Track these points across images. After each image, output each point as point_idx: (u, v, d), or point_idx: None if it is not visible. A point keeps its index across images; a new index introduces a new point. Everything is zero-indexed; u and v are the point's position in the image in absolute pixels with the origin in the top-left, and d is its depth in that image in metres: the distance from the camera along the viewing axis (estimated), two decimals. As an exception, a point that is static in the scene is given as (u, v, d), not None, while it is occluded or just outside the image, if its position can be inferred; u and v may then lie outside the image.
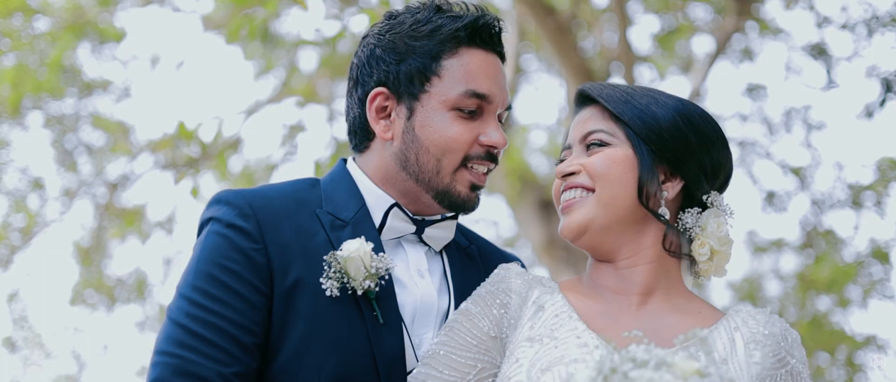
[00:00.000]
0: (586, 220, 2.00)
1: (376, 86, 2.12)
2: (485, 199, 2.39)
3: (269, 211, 2.03)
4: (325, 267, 2.00)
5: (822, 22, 9.93)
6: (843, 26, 9.72)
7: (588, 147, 2.05)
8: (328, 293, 1.98)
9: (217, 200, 2.05)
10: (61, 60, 10.26)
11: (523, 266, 2.15)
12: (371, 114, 2.13)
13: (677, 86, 12.57)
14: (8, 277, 10.22)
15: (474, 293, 2.02)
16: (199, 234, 2.06)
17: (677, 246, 2.02)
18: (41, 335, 11.04)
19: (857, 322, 11.74)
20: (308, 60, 11.12)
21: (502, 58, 2.16)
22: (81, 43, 10.66)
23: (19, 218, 10.25)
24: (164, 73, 12.22)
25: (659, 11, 10.59)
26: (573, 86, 9.53)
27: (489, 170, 2.15)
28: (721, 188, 2.10)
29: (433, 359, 1.94)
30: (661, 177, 2.02)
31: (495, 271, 2.05)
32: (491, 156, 2.13)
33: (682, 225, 2.03)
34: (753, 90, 11.17)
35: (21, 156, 10.56)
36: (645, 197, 1.99)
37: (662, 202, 2.01)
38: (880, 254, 10.96)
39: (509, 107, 2.18)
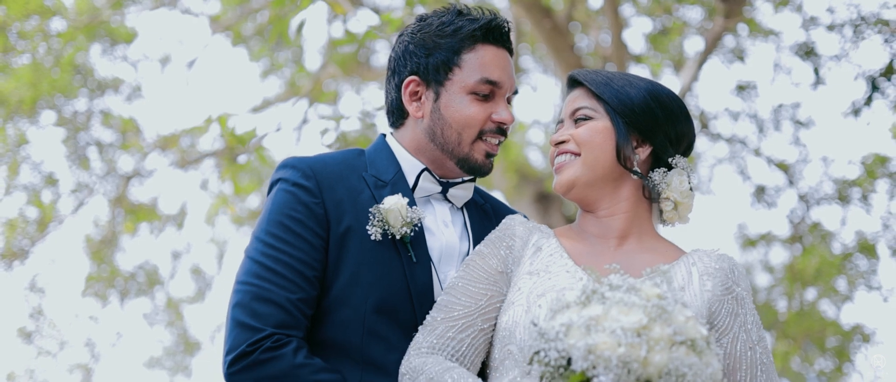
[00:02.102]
0: (574, 178, 2.55)
1: (410, 75, 2.68)
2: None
3: (326, 174, 2.58)
4: (371, 217, 2.55)
5: (810, 23, 10.28)
6: (830, 27, 10.07)
7: (576, 121, 2.59)
8: (373, 237, 2.53)
9: (285, 165, 2.60)
10: (74, 60, 10.67)
11: (526, 217, 2.70)
12: (405, 98, 2.69)
13: (669, 84, 12.99)
14: (25, 269, 10.63)
15: (486, 238, 2.58)
16: (269, 192, 2.61)
17: (649, 195, 2.58)
18: (56, 325, 11.44)
19: (843, 312, 12.09)
20: (313, 60, 11.52)
21: (511, 52, 2.71)
22: (94, 43, 11.07)
23: (34, 212, 10.67)
24: (174, 73, 12.69)
25: (651, 14, 10.95)
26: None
27: (500, 142, 2.70)
28: (685, 152, 2.63)
29: (453, 289, 2.49)
30: (634, 144, 2.56)
31: (503, 221, 2.61)
32: (501, 131, 2.68)
33: (652, 182, 2.58)
34: (743, 89, 11.58)
35: (35, 152, 10.96)
36: (622, 159, 2.54)
37: (635, 163, 2.56)
38: (867, 247, 11.33)
39: (516, 92, 2.72)
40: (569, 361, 1.98)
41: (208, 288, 12.54)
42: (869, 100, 9.42)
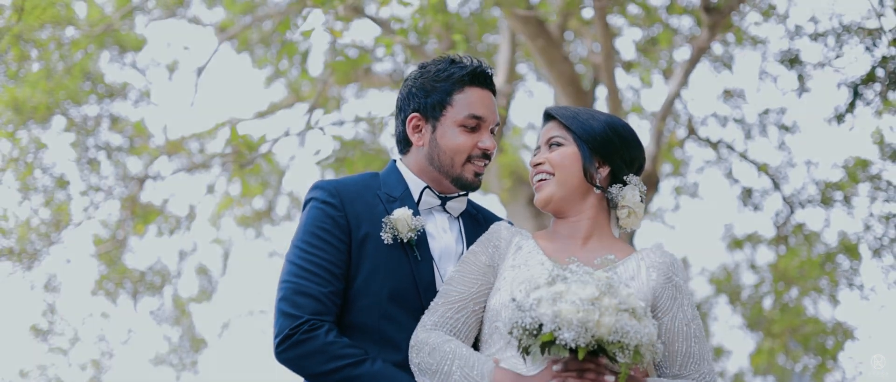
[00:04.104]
0: (549, 195, 3.30)
1: (412, 112, 3.45)
2: (481, 198, 3.68)
3: (348, 192, 3.35)
4: (383, 226, 3.30)
5: (794, 32, 10.87)
6: (814, 37, 10.62)
7: (550, 146, 3.34)
8: (385, 241, 3.29)
9: (315, 187, 3.38)
10: (85, 67, 11.31)
11: (511, 223, 3.44)
12: (409, 130, 3.46)
13: (659, 91, 13.64)
14: (40, 269, 11.27)
15: (477, 240, 3.33)
16: (303, 208, 3.37)
17: (609, 205, 3.32)
18: (70, 323, 12.11)
19: (827, 310, 12.69)
20: (317, 66, 12.17)
21: (494, 92, 3.47)
22: (104, 51, 11.71)
23: (47, 213, 11.29)
24: (181, 79, 13.32)
25: (640, 24, 11.56)
26: (561, 92, 10.70)
27: (485, 164, 3.44)
28: (637, 171, 3.37)
29: (451, 280, 3.24)
30: (596, 165, 3.31)
31: (491, 226, 3.36)
32: (486, 155, 3.44)
33: (610, 195, 3.32)
34: (731, 95, 12.22)
35: (46, 155, 11.56)
36: (587, 177, 3.28)
37: (598, 180, 3.30)
38: (849, 248, 11.84)
39: (498, 124, 3.46)
40: (540, 326, 2.72)
41: (214, 290, 13.25)
42: (851, 107, 9.94)
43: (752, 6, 11.25)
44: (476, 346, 3.25)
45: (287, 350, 3.17)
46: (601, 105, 11.58)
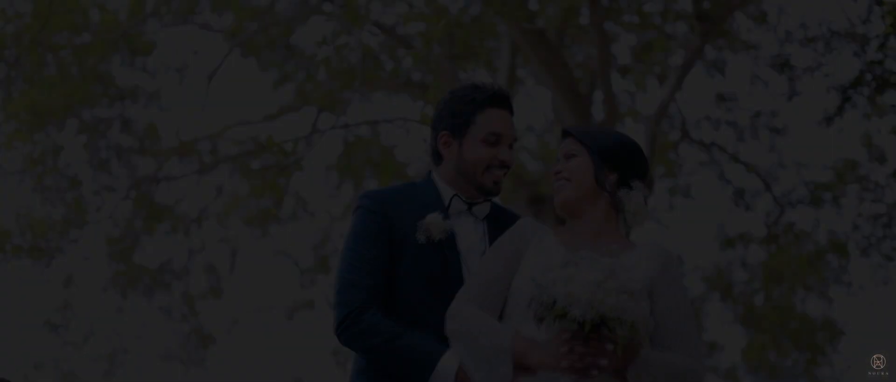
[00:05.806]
0: (567, 197, 3.91)
1: (443, 130, 4.10)
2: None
3: (390, 201, 4.01)
4: (418, 228, 3.93)
5: (785, 38, 11.35)
6: (804, 43, 11.12)
7: (567, 158, 3.94)
8: (420, 241, 3.91)
9: (362, 196, 4.03)
10: (97, 70, 11.79)
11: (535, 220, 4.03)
12: (440, 146, 4.12)
13: (653, 93, 14.13)
14: (59, 265, 11.76)
15: (507, 231, 3.93)
16: (353, 214, 4.01)
17: (617, 207, 3.90)
18: (84, 317, 12.60)
19: (817, 307, 13.18)
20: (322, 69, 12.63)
21: (511, 111, 4.11)
22: (115, 54, 12.18)
23: (59, 213, 11.77)
24: (191, 82, 13.80)
25: (634, 31, 12.07)
26: (560, 97, 11.24)
27: (504, 173, 4.07)
28: (641, 177, 3.95)
29: (483, 263, 3.87)
30: (606, 172, 3.90)
31: (517, 221, 3.97)
32: (504, 166, 4.07)
33: (619, 197, 3.91)
34: (723, 99, 12.74)
35: (61, 157, 12.04)
36: (599, 182, 3.86)
37: (607, 185, 3.88)
38: (838, 247, 12.51)
39: (516, 139, 4.07)
40: (554, 302, 3.35)
41: (223, 287, 13.73)
42: (840, 110, 10.48)
43: (744, 13, 11.70)
44: (500, 320, 3.83)
45: (343, 333, 3.86)
46: (597, 108, 12.12)
